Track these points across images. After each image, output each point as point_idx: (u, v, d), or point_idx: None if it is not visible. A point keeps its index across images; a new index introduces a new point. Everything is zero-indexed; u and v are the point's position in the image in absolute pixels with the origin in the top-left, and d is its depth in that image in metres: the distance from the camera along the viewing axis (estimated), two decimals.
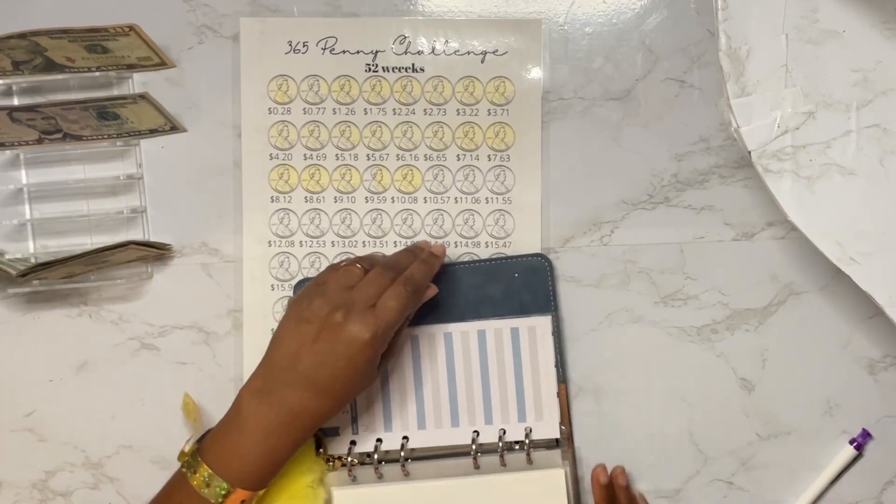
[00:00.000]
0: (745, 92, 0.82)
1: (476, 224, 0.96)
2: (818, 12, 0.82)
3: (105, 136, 0.94)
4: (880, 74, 0.82)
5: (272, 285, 0.97)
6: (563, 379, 0.95)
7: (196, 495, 0.85)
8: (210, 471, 0.85)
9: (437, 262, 0.93)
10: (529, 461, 0.94)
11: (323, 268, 0.95)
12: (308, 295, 0.88)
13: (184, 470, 0.86)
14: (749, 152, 0.82)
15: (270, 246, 0.97)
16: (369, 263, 0.89)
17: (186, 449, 0.89)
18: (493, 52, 0.96)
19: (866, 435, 0.95)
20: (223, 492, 0.85)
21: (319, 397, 0.86)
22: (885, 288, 0.81)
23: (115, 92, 0.97)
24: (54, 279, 0.95)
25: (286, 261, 0.97)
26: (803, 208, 0.82)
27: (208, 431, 0.89)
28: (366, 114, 0.97)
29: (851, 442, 0.95)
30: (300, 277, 0.97)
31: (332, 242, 0.97)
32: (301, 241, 0.97)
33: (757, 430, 0.96)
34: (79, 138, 0.93)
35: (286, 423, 0.86)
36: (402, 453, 0.95)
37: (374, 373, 0.88)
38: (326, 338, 0.85)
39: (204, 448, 0.87)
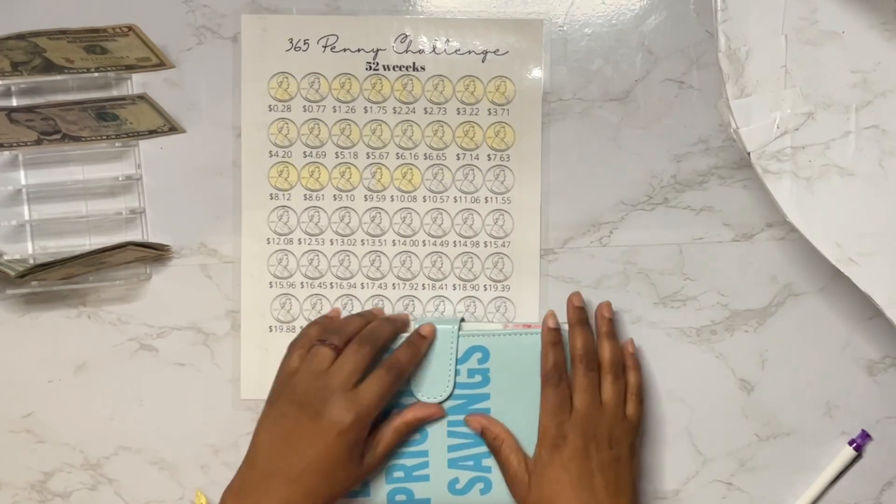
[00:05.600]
0: (744, 93, 0.82)
1: (475, 224, 0.96)
2: (817, 13, 0.82)
3: (104, 137, 0.94)
4: (879, 75, 0.82)
5: (270, 282, 0.97)
6: None
7: None
8: None
9: (424, 344, 0.92)
10: None
11: (321, 266, 0.96)
12: (281, 388, 0.87)
13: None
14: (748, 153, 0.83)
15: (269, 243, 0.97)
16: (339, 338, 0.88)
17: None
18: (494, 52, 0.96)
19: (866, 436, 0.95)
20: None
21: (298, 494, 0.84)
22: (884, 289, 0.81)
23: (114, 93, 0.97)
24: (53, 280, 0.95)
25: (284, 258, 0.97)
26: (803, 209, 0.82)
27: None
28: (366, 112, 0.97)
29: (851, 443, 0.95)
30: (298, 275, 0.97)
31: (331, 240, 0.97)
32: (300, 239, 0.97)
33: (756, 431, 0.96)
34: (78, 139, 0.93)
35: None
36: None
37: (357, 463, 0.86)
38: (304, 429, 0.84)
39: None
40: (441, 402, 0.93)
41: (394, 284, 0.97)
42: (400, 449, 0.93)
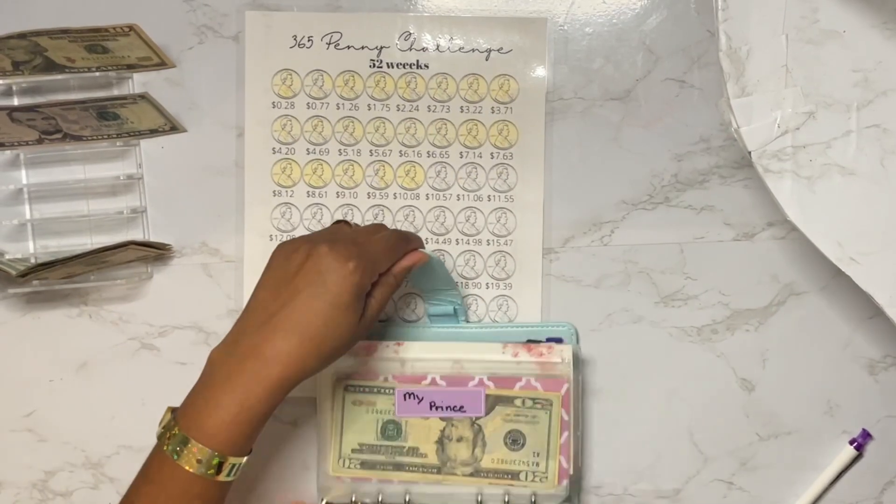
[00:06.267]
0: (745, 92, 0.82)
1: (478, 222, 0.97)
2: (818, 12, 0.82)
3: (105, 137, 0.94)
4: (881, 75, 0.81)
5: None
6: None
7: (171, 463, 0.79)
8: (183, 434, 0.79)
9: (419, 241, 0.91)
10: None
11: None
12: (291, 240, 0.85)
13: (158, 439, 0.81)
14: (749, 152, 0.82)
15: (272, 240, 0.97)
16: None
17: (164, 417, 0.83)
18: (498, 50, 0.96)
19: (866, 435, 0.95)
20: (199, 456, 0.78)
21: (293, 338, 0.79)
22: (885, 288, 0.81)
23: (115, 92, 0.97)
24: (54, 279, 0.95)
25: None
26: (803, 208, 0.82)
27: None
28: (369, 109, 0.97)
29: (851, 442, 0.95)
30: None
31: None
32: None
33: (757, 431, 0.96)
34: (79, 138, 0.93)
35: (255, 371, 0.79)
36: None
37: (359, 315, 0.82)
38: (307, 270, 0.81)
39: (178, 412, 0.81)
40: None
41: None
42: None
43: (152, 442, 0.97)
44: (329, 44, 0.97)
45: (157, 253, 0.97)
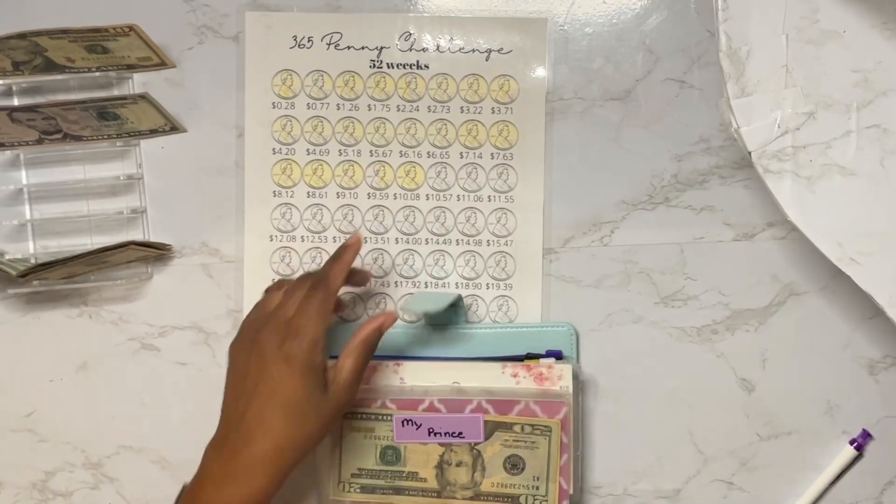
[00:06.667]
0: (745, 92, 0.82)
1: (478, 222, 0.97)
2: (818, 13, 0.82)
3: (105, 137, 0.94)
4: (880, 75, 0.82)
5: (273, 279, 0.97)
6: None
7: None
8: None
9: (348, 253, 0.88)
10: None
11: (323, 263, 0.96)
12: (237, 338, 0.87)
13: None
14: (749, 153, 0.82)
15: (272, 241, 0.98)
16: (291, 284, 0.88)
17: None
18: (498, 51, 0.96)
19: (866, 435, 0.95)
20: None
21: (265, 442, 0.80)
22: (885, 288, 0.81)
23: (116, 92, 0.97)
24: (54, 280, 0.95)
25: (287, 255, 0.97)
26: (804, 209, 0.82)
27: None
28: (369, 110, 0.97)
29: (852, 442, 0.95)
30: (301, 272, 0.97)
31: (334, 238, 0.97)
32: (303, 236, 0.97)
33: (757, 431, 0.96)
34: (79, 138, 0.93)
35: (245, 473, 0.80)
36: None
37: (321, 393, 0.82)
38: (254, 371, 0.82)
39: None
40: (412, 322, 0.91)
41: (396, 282, 0.97)
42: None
43: (152, 442, 0.98)
44: (329, 44, 0.97)
45: (157, 253, 0.97)
